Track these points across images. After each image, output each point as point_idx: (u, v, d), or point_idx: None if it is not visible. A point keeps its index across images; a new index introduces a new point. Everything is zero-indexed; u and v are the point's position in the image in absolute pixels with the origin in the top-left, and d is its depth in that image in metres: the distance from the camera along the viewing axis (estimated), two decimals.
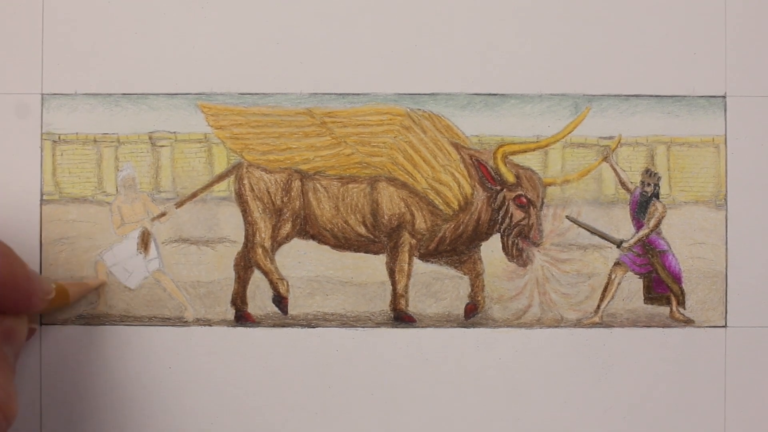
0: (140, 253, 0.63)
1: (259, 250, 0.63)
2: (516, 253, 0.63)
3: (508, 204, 0.63)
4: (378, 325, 0.63)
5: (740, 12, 0.63)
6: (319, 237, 0.63)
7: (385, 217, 0.63)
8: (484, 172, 0.63)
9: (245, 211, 0.63)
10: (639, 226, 0.63)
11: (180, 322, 0.63)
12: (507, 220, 0.63)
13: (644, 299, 0.63)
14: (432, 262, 0.64)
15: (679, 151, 0.63)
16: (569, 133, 0.63)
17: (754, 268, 0.62)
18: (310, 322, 0.63)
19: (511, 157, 0.63)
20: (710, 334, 0.63)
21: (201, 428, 0.62)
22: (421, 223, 0.63)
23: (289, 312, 0.63)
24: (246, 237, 0.63)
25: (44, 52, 0.63)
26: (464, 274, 0.63)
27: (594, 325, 0.63)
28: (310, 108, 0.63)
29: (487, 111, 0.63)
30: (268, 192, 0.63)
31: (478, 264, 0.63)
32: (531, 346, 0.63)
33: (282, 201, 0.63)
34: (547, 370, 0.63)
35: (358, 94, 0.63)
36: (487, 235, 0.63)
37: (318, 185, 0.63)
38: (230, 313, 0.63)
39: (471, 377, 0.63)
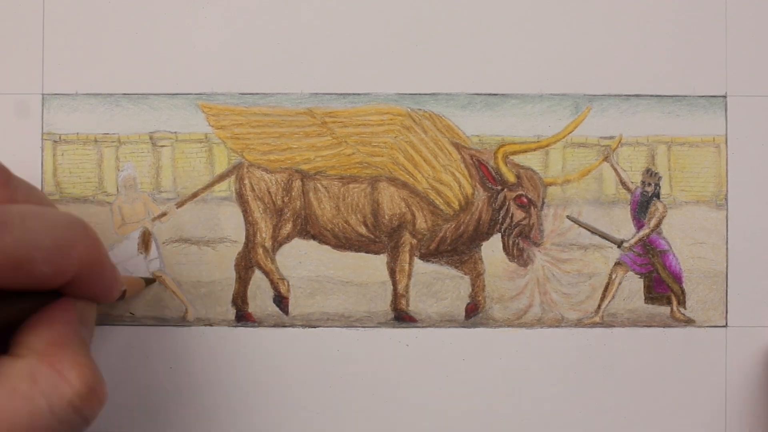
0: (141, 253, 0.63)
1: (260, 250, 0.63)
2: (517, 253, 0.63)
3: (509, 204, 0.63)
4: (379, 325, 0.63)
5: (741, 11, 0.63)
6: (319, 237, 0.63)
7: (386, 217, 0.63)
8: (484, 172, 0.63)
9: (246, 211, 0.63)
10: (640, 225, 0.63)
11: (181, 322, 0.63)
12: (508, 220, 0.63)
13: (645, 299, 0.63)
14: (433, 262, 0.64)
15: (679, 151, 0.63)
16: (570, 132, 0.63)
17: (755, 268, 0.63)
18: (310, 322, 0.63)
19: (511, 157, 0.63)
20: (711, 334, 0.63)
21: (201, 428, 0.62)
22: (421, 223, 0.63)
23: (289, 312, 0.63)
24: (247, 237, 0.63)
25: (45, 52, 0.62)
26: (465, 274, 0.63)
27: (595, 324, 0.63)
28: (311, 108, 0.63)
29: (488, 111, 0.63)
30: (269, 192, 0.63)
31: (479, 264, 0.63)
32: (531, 346, 0.63)
33: (283, 201, 0.63)
34: (548, 369, 0.63)
35: (359, 94, 0.63)
36: (487, 235, 0.63)
37: (319, 185, 0.63)
38: (231, 313, 0.63)
39: (471, 377, 0.63)
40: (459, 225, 0.63)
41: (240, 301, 0.63)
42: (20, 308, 0.45)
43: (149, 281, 0.62)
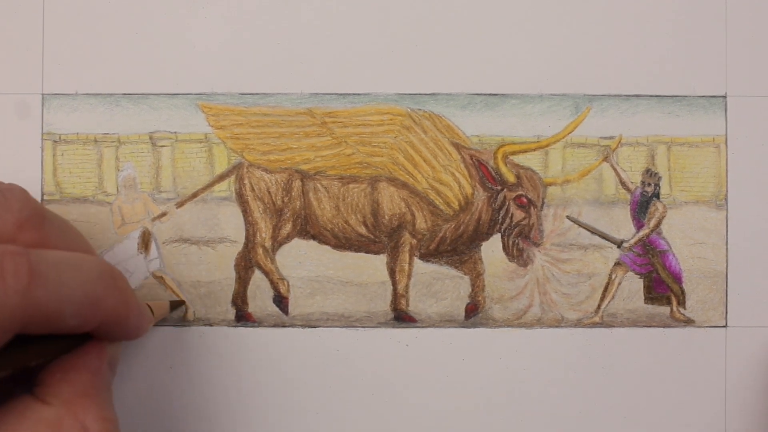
0: (141, 253, 0.63)
1: (260, 250, 0.63)
2: (516, 253, 0.63)
3: (509, 204, 0.63)
4: (378, 325, 0.63)
5: (741, 12, 0.63)
6: (319, 237, 0.63)
7: (386, 217, 0.63)
8: (484, 172, 0.63)
9: (246, 211, 0.63)
10: (639, 226, 0.63)
11: (180, 322, 0.63)
12: (507, 220, 0.63)
13: (644, 299, 0.63)
14: (432, 262, 0.64)
15: (679, 151, 0.63)
16: (570, 133, 0.63)
17: (755, 268, 0.63)
18: (310, 322, 0.63)
19: (511, 157, 0.63)
20: (711, 334, 0.63)
21: (201, 428, 0.62)
22: (421, 223, 0.63)
23: (289, 312, 0.63)
24: (246, 237, 0.63)
25: (45, 52, 0.63)
26: (465, 274, 0.63)
27: (594, 325, 0.63)
28: (311, 108, 0.63)
29: (488, 111, 0.63)
30: (269, 192, 0.63)
31: (479, 264, 0.63)
32: (531, 346, 0.63)
33: (282, 201, 0.63)
34: (548, 370, 0.63)
35: (359, 94, 0.63)
36: (487, 235, 0.63)
37: (318, 185, 0.63)
38: (231, 313, 0.63)
39: (471, 377, 0.63)
40: (459, 225, 0.63)
41: (240, 301, 0.63)
42: (49, 351, 0.45)
43: (175, 305, 0.62)
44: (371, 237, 0.63)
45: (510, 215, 0.63)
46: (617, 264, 0.63)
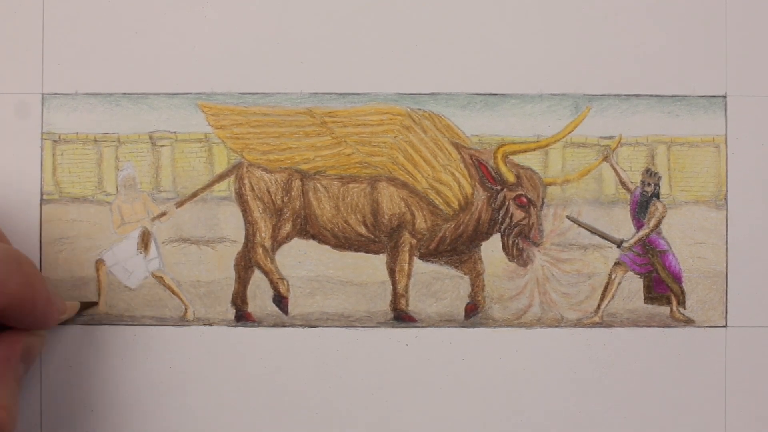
0: (140, 252, 0.63)
1: (260, 250, 0.63)
2: (516, 253, 0.63)
3: (509, 204, 0.63)
4: (378, 324, 0.63)
5: (740, 12, 0.63)
6: (319, 237, 0.63)
7: (386, 216, 0.63)
8: (484, 172, 0.63)
9: (245, 211, 0.63)
10: (639, 225, 0.63)
11: (180, 321, 0.63)
12: (507, 220, 0.63)
13: (644, 299, 0.63)
14: (432, 262, 0.64)
15: (679, 151, 0.63)
16: (569, 132, 0.63)
17: (755, 268, 0.62)
18: (310, 321, 0.63)
19: (511, 157, 0.63)
20: (710, 334, 0.63)
21: (201, 428, 0.62)
22: (421, 223, 0.63)
23: (289, 312, 0.63)
24: (246, 237, 0.63)
25: (44, 52, 0.63)
26: (464, 274, 0.63)
27: (594, 324, 0.63)
28: (311, 108, 0.63)
29: (488, 111, 0.63)
30: (269, 192, 0.63)
31: (479, 264, 0.63)
32: (531, 346, 0.63)
33: (282, 201, 0.63)
34: (548, 369, 0.63)
35: (359, 94, 0.63)
36: (487, 235, 0.63)
37: (318, 185, 0.63)
38: (231, 313, 0.63)
39: (471, 377, 0.63)
40: (458, 225, 0.63)
41: (240, 300, 0.63)
42: None
43: (87, 305, 0.62)
44: (371, 237, 0.63)
45: (510, 215, 0.63)
46: (617, 264, 0.63)
